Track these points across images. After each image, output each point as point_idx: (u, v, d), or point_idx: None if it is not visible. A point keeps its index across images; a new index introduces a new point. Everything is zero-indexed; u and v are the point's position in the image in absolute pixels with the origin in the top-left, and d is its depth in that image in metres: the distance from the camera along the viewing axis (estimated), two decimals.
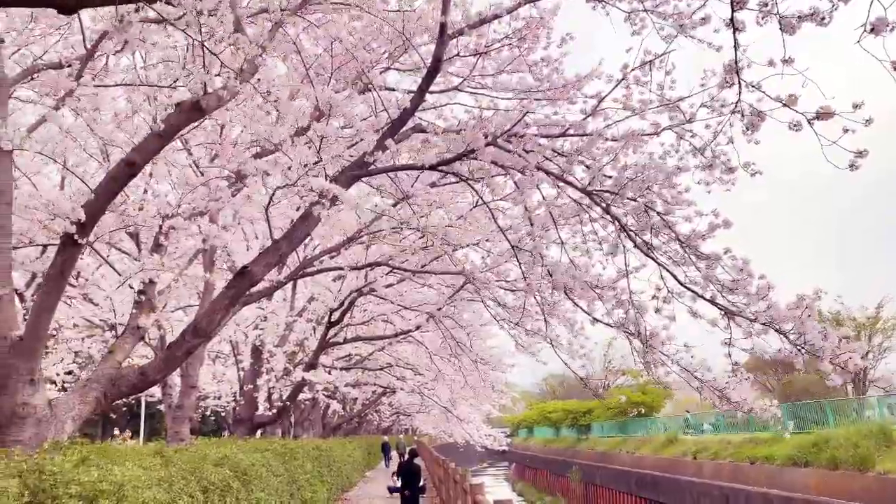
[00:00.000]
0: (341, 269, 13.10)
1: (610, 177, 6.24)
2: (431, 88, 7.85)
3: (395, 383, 23.56)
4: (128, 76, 7.73)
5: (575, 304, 6.59)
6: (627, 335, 6.32)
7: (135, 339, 7.05)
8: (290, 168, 6.31)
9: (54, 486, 4.29)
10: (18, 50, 7.39)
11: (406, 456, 17.59)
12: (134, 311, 7.22)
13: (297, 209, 11.52)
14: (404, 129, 7.79)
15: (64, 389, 14.57)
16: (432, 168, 6.97)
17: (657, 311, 5.83)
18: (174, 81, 7.85)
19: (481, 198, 7.24)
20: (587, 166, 6.56)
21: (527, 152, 6.31)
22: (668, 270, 5.96)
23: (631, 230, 5.97)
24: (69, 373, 15.63)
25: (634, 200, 5.74)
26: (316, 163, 6.90)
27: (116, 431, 34.10)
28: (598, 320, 6.48)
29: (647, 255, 5.92)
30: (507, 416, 74.21)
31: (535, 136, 6.69)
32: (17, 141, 5.58)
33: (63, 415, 5.92)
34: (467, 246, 12.80)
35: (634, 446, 36.79)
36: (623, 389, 48.96)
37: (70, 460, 4.87)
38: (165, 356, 6.51)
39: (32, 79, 8.04)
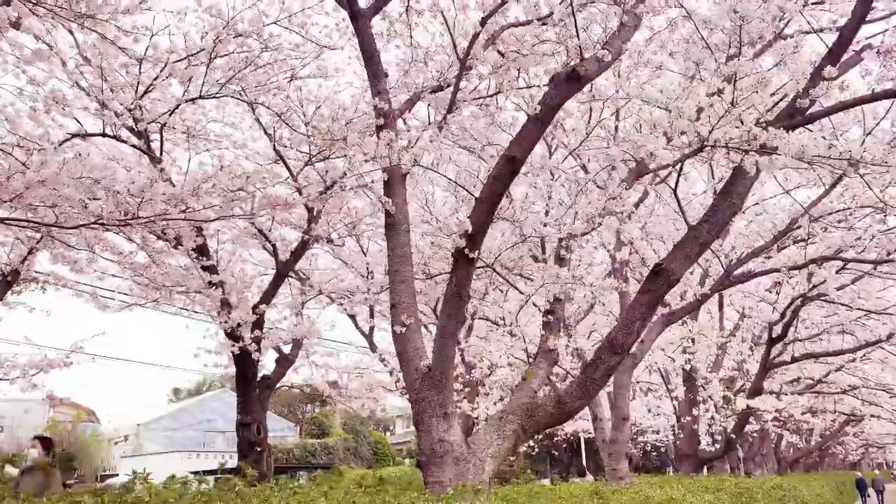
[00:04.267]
0: (777, 271, 10.90)
1: None
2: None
3: (863, 409, 19.57)
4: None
5: None
6: None
7: (548, 363, 6.28)
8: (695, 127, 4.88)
9: None
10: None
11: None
12: (543, 332, 6.50)
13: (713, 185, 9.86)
14: (846, 56, 5.77)
15: None
16: None
17: None
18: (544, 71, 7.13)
19: None
20: None
21: None
22: None
23: None
24: None
25: None
26: (721, 118, 5.34)
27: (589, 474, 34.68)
28: None
29: None
30: None
31: None
32: (407, 159, 5.29)
33: (481, 452, 5.29)
34: None
35: None
36: None
37: None
38: (581, 380, 5.53)
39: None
